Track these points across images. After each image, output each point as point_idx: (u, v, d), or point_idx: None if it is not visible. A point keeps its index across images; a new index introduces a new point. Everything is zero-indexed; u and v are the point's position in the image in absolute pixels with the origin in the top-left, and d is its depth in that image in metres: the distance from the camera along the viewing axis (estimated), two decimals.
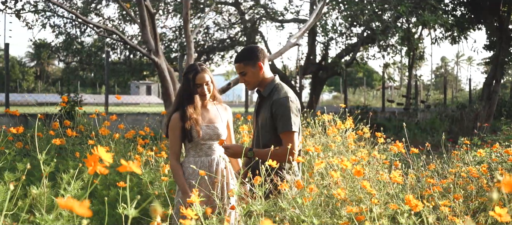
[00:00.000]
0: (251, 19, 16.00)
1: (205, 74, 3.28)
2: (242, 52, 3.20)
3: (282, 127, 3.00)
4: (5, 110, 4.18)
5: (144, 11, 6.35)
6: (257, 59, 3.11)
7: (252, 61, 3.12)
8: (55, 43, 14.62)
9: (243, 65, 3.14)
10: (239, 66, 3.16)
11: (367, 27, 13.91)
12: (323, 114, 4.97)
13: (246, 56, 3.15)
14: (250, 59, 3.13)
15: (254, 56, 3.13)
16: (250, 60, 3.12)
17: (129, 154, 4.22)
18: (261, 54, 3.13)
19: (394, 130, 14.26)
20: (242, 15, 15.44)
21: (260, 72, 3.12)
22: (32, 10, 6.54)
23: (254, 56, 3.12)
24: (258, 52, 3.14)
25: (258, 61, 3.11)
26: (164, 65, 6.44)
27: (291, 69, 21.66)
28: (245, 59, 3.14)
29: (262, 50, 3.16)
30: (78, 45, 14.38)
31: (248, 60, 3.13)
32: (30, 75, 50.88)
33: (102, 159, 1.53)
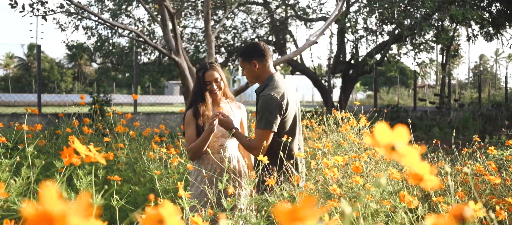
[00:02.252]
0: (280, 19, 16.01)
1: (214, 71, 3.34)
2: (242, 48, 3.28)
3: (257, 122, 3.08)
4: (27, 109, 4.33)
5: (165, 11, 6.45)
6: (252, 57, 3.17)
7: (248, 58, 3.18)
8: (87, 44, 14.98)
9: (241, 60, 3.25)
10: (239, 61, 3.27)
11: (398, 25, 13.70)
12: (342, 112, 4.94)
13: (244, 52, 3.24)
14: (246, 56, 3.20)
15: (250, 53, 3.19)
16: (246, 56, 3.20)
17: (143, 151, 4.30)
18: (258, 52, 3.17)
19: (424, 129, 14.02)
20: (270, 14, 15.45)
21: (254, 69, 3.17)
22: (58, 12, 6.72)
23: (250, 53, 3.19)
24: (256, 49, 3.19)
25: (253, 59, 3.16)
26: (185, 65, 6.52)
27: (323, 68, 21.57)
28: (242, 55, 3.23)
29: (262, 48, 3.19)
30: (110, 46, 14.68)
31: (245, 57, 3.21)
32: (68, 76, 52.26)
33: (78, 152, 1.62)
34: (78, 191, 3.46)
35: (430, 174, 0.87)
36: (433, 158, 3.75)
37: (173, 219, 0.79)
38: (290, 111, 3.12)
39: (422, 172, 0.87)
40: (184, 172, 3.96)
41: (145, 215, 0.80)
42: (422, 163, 0.89)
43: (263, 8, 16.10)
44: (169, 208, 0.81)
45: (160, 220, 0.79)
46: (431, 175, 0.87)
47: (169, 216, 0.79)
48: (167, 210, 0.80)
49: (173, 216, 0.79)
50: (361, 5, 14.43)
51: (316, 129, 4.75)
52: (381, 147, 0.73)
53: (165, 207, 0.81)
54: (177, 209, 0.83)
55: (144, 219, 0.79)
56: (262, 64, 3.18)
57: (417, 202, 2.34)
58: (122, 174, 4.29)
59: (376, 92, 18.14)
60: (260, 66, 3.17)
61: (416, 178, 0.89)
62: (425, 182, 0.88)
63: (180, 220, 0.81)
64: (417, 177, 0.88)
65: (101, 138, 4.69)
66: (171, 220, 0.79)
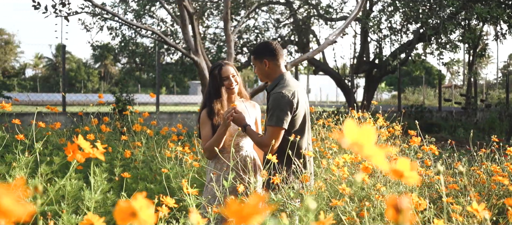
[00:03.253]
0: (303, 18, 15.96)
1: (229, 67, 3.39)
2: (255, 46, 3.33)
3: (267, 119, 3.10)
4: (48, 108, 4.42)
5: (184, 12, 6.50)
6: (263, 56, 3.21)
7: (260, 56, 3.22)
8: (112, 45, 15.19)
9: (253, 58, 3.30)
10: (252, 59, 3.32)
11: (423, 24, 13.51)
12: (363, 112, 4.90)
13: (256, 51, 3.28)
14: (258, 54, 3.24)
15: (261, 52, 3.23)
16: (258, 55, 3.24)
17: (160, 150, 4.35)
18: (270, 51, 3.20)
19: (449, 130, 13.80)
20: (293, 14, 15.42)
21: (265, 68, 3.21)
22: (80, 12, 6.83)
23: (261, 52, 3.23)
24: (268, 49, 3.22)
25: (264, 58, 3.20)
26: (204, 64, 6.56)
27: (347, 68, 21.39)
28: (254, 54, 3.28)
29: (274, 48, 3.22)
30: (133, 47, 14.86)
31: (256, 55, 3.25)
32: (95, 76, 53.06)
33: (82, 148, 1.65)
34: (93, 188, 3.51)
35: (410, 170, 0.87)
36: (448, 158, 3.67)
37: (145, 212, 0.80)
38: (300, 110, 3.14)
39: (403, 168, 0.86)
40: (199, 170, 3.98)
41: (117, 208, 0.81)
42: (403, 159, 0.89)
43: (286, 8, 16.08)
44: (141, 201, 0.82)
45: (133, 213, 0.81)
46: (411, 172, 0.87)
47: (141, 209, 0.80)
48: (139, 203, 0.81)
49: (145, 209, 0.81)
50: (385, 4, 14.28)
51: (333, 129, 4.72)
52: (349, 144, 0.72)
53: (138, 200, 0.82)
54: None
55: (115, 212, 0.81)
56: (273, 64, 3.21)
57: (425, 203, 2.30)
58: (139, 172, 4.34)
59: (400, 92, 17.94)
60: (270, 65, 3.20)
61: (397, 174, 0.88)
62: (406, 178, 0.87)
63: (152, 213, 0.83)
64: (397, 173, 0.88)
65: (119, 136, 4.75)
66: (143, 213, 0.81)
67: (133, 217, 0.82)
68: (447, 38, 14.07)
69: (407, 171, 0.86)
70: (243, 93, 3.56)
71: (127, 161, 4.49)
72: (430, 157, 3.39)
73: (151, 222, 0.82)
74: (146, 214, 0.81)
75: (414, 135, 3.97)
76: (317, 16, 15.82)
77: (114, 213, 0.86)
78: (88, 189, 3.67)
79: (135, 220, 0.81)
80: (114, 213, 0.85)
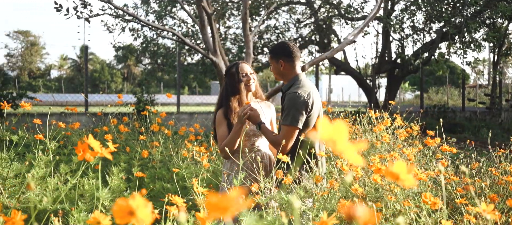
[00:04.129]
0: (324, 18, 15.89)
1: (246, 65, 3.43)
2: (273, 46, 3.38)
3: (282, 119, 3.13)
4: (67, 108, 4.50)
5: (203, 12, 6.54)
6: (280, 56, 3.25)
7: (276, 56, 3.27)
8: (134, 45, 15.36)
9: (270, 57, 3.34)
10: (268, 57, 3.46)
11: (446, 23, 13.32)
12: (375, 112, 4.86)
13: (273, 50, 3.32)
14: (275, 54, 3.28)
15: (278, 52, 3.27)
16: (274, 54, 3.28)
17: (177, 150, 4.39)
18: (286, 52, 3.25)
19: (473, 130, 13.57)
20: (312, 13, 15.37)
21: (280, 68, 3.25)
22: (101, 14, 6.94)
23: (278, 52, 3.27)
24: (285, 49, 3.27)
25: (281, 58, 3.24)
26: (222, 64, 6.59)
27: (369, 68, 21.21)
28: (271, 53, 3.33)
29: (290, 49, 3.27)
30: (155, 47, 15.00)
31: (273, 54, 3.29)
32: (118, 77, 53.71)
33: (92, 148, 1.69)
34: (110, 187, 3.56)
35: (407, 173, 0.86)
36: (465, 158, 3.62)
37: (143, 211, 0.82)
38: (315, 110, 3.16)
39: (398, 171, 0.86)
40: (215, 170, 4.00)
41: (115, 207, 0.83)
42: (399, 162, 0.88)
43: (306, 8, 16.03)
44: (139, 200, 0.83)
45: (131, 212, 0.83)
46: (407, 174, 0.86)
47: (138, 208, 0.82)
48: (137, 202, 0.83)
49: (143, 208, 0.82)
50: (408, 3, 14.13)
51: (350, 129, 4.70)
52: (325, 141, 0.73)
53: (136, 199, 0.83)
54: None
55: (114, 210, 0.83)
56: (289, 64, 3.25)
57: (440, 203, 2.28)
58: (156, 172, 4.38)
59: (422, 92, 17.72)
60: (286, 65, 3.25)
61: (393, 176, 0.88)
62: (402, 181, 0.87)
63: (150, 212, 0.84)
64: (393, 175, 0.88)
65: (137, 136, 4.81)
66: (141, 211, 0.82)
67: (131, 216, 0.84)
68: (470, 37, 13.85)
69: (403, 173, 0.86)
70: (259, 94, 3.57)
71: (145, 161, 4.54)
72: (447, 157, 3.35)
73: (148, 220, 0.84)
74: (143, 213, 0.83)
75: (433, 135, 3.93)
76: (338, 15, 15.74)
77: (113, 211, 0.88)
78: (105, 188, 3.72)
79: (133, 218, 0.83)
80: (113, 212, 0.87)
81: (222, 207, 0.65)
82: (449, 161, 3.34)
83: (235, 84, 3.37)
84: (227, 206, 0.65)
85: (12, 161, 3.27)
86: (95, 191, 2.64)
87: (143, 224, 0.83)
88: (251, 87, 3.39)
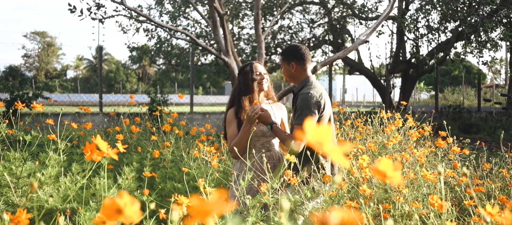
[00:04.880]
0: (338, 18, 15.84)
1: (260, 64, 3.46)
2: (284, 48, 3.40)
3: (295, 119, 3.15)
4: (80, 108, 4.55)
5: (215, 13, 6.57)
6: (291, 58, 3.28)
7: (287, 58, 3.30)
8: (148, 46, 15.46)
9: (281, 59, 3.38)
10: (279, 59, 3.41)
11: (461, 22, 13.18)
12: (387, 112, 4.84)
13: (284, 52, 3.35)
14: (286, 56, 3.31)
15: (289, 54, 3.30)
16: (286, 57, 3.31)
17: (188, 150, 4.41)
18: (298, 55, 3.28)
19: (488, 131, 13.42)
20: (326, 13, 15.32)
21: (292, 70, 3.29)
22: (115, 15, 7.00)
23: (289, 55, 3.30)
24: (296, 52, 3.30)
25: (292, 61, 3.28)
26: (234, 65, 6.61)
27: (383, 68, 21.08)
28: (282, 55, 3.36)
29: (302, 52, 3.29)
30: (168, 48, 15.08)
31: (284, 57, 3.32)
32: (133, 77, 54.08)
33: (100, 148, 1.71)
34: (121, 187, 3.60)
35: (393, 171, 0.87)
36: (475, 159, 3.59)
37: (130, 209, 0.84)
38: (326, 111, 3.20)
39: (385, 169, 0.87)
40: (225, 170, 4.02)
41: (103, 205, 0.85)
42: (385, 160, 0.89)
43: (320, 8, 15.99)
44: (126, 198, 0.85)
45: (118, 210, 0.84)
46: (394, 172, 0.87)
47: (126, 206, 0.84)
48: (124, 201, 0.85)
49: (130, 206, 0.84)
50: (423, 3, 14.02)
51: (361, 129, 4.68)
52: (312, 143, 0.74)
53: (123, 198, 0.85)
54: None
55: (102, 209, 0.84)
56: (300, 67, 3.28)
57: (448, 205, 2.27)
58: (167, 172, 4.41)
59: (437, 92, 17.57)
60: (297, 68, 3.28)
61: (380, 174, 0.88)
62: (389, 178, 0.87)
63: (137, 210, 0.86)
64: (381, 173, 0.88)
65: (149, 136, 4.84)
66: (128, 209, 0.84)
67: (118, 214, 0.85)
68: (486, 36, 13.70)
69: (389, 171, 0.86)
70: (271, 95, 3.58)
71: (157, 161, 4.57)
72: (458, 158, 3.32)
73: (135, 218, 0.85)
74: (130, 211, 0.85)
75: (444, 136, 3.90)
76: (352, 15, 15.67)
77: (101, 210, 0.89)
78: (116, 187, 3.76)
79: (120, 216, 0.85)
80: (101, 210, 0.88)
81: (204, 211, 0.66)
82: (460, 162, 3.31)
83: (248, 83, 3.38)
84: (209, 210, 0.66)
85: (25, 161, 3.32)
86: (102, 190, 2.66)
87: (131, 222, 0.85)
88: (263, 86, 3.40)
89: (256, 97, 3.38)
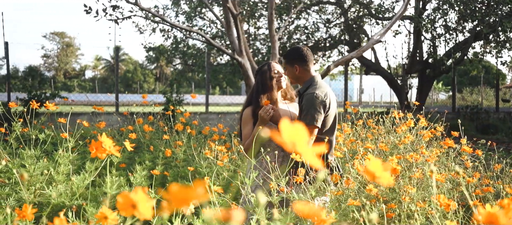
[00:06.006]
0: (354, 18, 15.76)
1: (277, 64, 3.49)
2: (286, 51, 3.42)
3: (302, 119, 3.16)
4: (94, 108, 4.62)
5: (228, 13, 6.59)
6: (294, 61, 3.31)
7: (290, 61, 3.33)
8: (164, 46, 15.56)
9: (284, 63, 3.39)
10: (283, 62, 3.42)
11: (480, 21, 13.01)
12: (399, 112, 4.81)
13: (287, 56, 3.37)
14: (289, 59, 3.34)
15: (292, 57, 3.33)
16: (289, 60, 3.34)
17: (200, 149, 4.45)
18: (300, 57, 3.30)
19: (506, 131, 13.24)
20: (342, 13, 15.26)
21: (295, 72, 3.31)
22: (129, 15, 7.08)
23: (292, 57, 3.33)
24: (298, 54, 3.32)
25: (295, 63, 3.31)
26: (248, 65, 6.63)
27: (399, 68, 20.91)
28: (285, 58, 3.37)
29: (304, 53, 3.32)
30: (185, 48, 15.16)
31: (287, 60, 3.35)
32: (150, 77, 54.49)
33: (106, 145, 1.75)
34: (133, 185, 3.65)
35: (383, 171, 0.87)
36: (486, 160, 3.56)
37: (144, 205, 0.88)
38: (332, 110, 3.22)
39: (374, 169, 0.87)
40: (235, 169, 4.04)
41: (119, 200, 0.89)
42: (375, 160, 0.90)
43: (336, 8, 15.93)
44: (141, 194, 0.89)
45: (133, 205, 0.88)
46: (384, 173, 0.88)
47: (140, 201, 0.88)
48: (139, 196, 0.89)
49: (144, 202, 0.88)
50: (440, 2, 13.88)
51: (373, 130, 4.68)
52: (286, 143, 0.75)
53: (138, 194, 0.89)
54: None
55: (118, 203, 0.89)
56: (303, 68, 3.31)
57: (455, 204, 2.26)
58: (179, 171, 4.45)
59: (454, 92, 17.37)
60: (300, 70, 3.31)
61: (370, 175, 0.89)
62: (379, 179, 0.88)
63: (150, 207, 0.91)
64: (370, 174, 0.89)
65: (162, 135, 4.89)
66: (142, 205, 0.89)
67: (133, 209, 0.90)
68: (505, 36, 13.51)
69: (378, 171, 0.87)
70: (289, 95, 3.60)
71: (169, 160, 4.62)
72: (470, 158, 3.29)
73: (148, 214, 0.90)
74: (144, 207, 0.89)
75: (457, 136, 3.87)
76: (368, 15, 15.57)
77: (117, 204, 0.94)
78: (128, 186, 3.81)
79: (135, 211, 0.89)
80: (117, 204, 0.93)
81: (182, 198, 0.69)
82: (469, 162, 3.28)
83: (266, 81, 3.42)
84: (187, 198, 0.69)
85: (38, 159, 3.38)
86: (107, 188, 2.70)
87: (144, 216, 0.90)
88: (282, 85, 3.44)
89: (274, 96, 3.41)
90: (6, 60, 11.95)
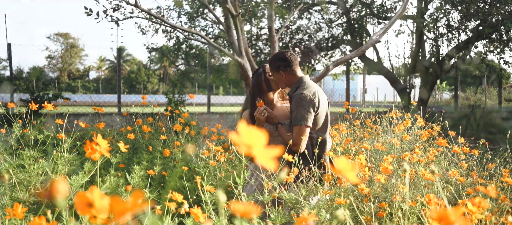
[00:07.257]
0: (356, 18, 15.76)
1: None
2: (270, 58, 3.46)
3: (293, 120, 3.21)
4: (94, 108, 4.66)
5: (228, 14, 6.63)
6: (279, 67, 3.34)
7: (276, 68, 3.36)
8: (166, 46, 15.60)
9: (270, 70, 3.43)
10: (269, 71, 3.47)
11: (481, 21, 12.99)
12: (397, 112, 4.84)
13: (270, 63, 3.41)
14: (273, 66, 3.38)
15: (276, 64, 3.36)
16: (274, 67, 3.38)
17: (198, 149, 4.48)
18: (284, 62, 3.33)
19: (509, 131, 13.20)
20: (344, 13, 15.27)
21: (282, 78, 3.35)
22: (129, 17, 7.11)
23: (276, 64, 3.36)
24: (282, 60, 3.35)
25: (280, 69, 3.34)
26: (248, 66, 6.66)
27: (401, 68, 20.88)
28: (270, 66, 3.42)
29: (287, 58, 3.35)
30: (187, 48, 15.20)
31: (273, 67, 3.39)
32: (154, 77, 54.57)
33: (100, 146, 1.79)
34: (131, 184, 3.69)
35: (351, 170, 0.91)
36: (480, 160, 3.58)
37: (100, 202, 0.91)
38: (322, 109, 3.27)
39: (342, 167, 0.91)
40: (231, 169, 4.08)
41: (76, 199, 0.92)
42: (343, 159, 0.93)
43: (338, 8, 15.94)
44: (97, 192, 0.92)
45: (89, 203, 0.91)
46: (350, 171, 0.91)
47: (96, 199, 0.91)
48: (95, 195, 0.92)
49: (100, 200, 0.91)
50: (442, 2, 13.87)
51: (369, 129, 4.70)
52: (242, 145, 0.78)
53: (94, 192, 0.92)
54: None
55: (75, 203, 0.92)
56: (288, 73, 3.35)
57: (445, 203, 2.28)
58: (177, 171, 4.49)
59: (457, 92, 17.37)
60: (286, 75, 3.35)
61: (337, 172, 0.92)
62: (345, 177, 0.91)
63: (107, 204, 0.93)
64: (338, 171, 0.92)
65: (160, 135, 4.92)
66: (98, 203, 0.91)
67: (90, 207, 0.92)
68: (507, 35, 13.48)
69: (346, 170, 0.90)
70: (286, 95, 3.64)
71: (167, 160, 4.66)
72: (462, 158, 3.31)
73: (105, 211, 0.92)
74: (100, 205, 0.91)
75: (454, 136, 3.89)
76: (370, 15, 15.57)
77: (75, 204, 0.96)
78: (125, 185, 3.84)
79: (92, 209, 0.92)
80: (74, 204, 0.96)
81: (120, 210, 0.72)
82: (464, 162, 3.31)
83: (261, 83, 3.47)
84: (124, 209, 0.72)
85: (36, 159, 3.43)
86: (99, 187, 2.75)
87: (101, 214, 0.92)
88: (277, 85, 3.48)
89: (270, 97, 3.45)
90: (9, 61, 12.02)
